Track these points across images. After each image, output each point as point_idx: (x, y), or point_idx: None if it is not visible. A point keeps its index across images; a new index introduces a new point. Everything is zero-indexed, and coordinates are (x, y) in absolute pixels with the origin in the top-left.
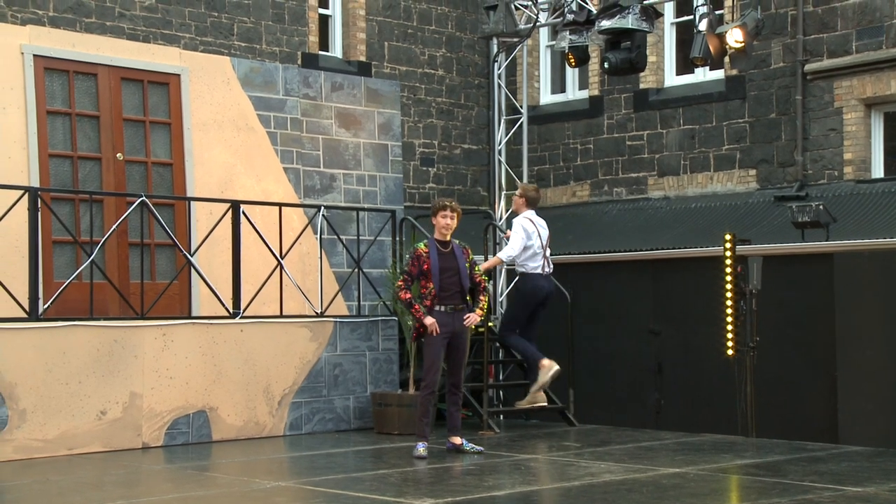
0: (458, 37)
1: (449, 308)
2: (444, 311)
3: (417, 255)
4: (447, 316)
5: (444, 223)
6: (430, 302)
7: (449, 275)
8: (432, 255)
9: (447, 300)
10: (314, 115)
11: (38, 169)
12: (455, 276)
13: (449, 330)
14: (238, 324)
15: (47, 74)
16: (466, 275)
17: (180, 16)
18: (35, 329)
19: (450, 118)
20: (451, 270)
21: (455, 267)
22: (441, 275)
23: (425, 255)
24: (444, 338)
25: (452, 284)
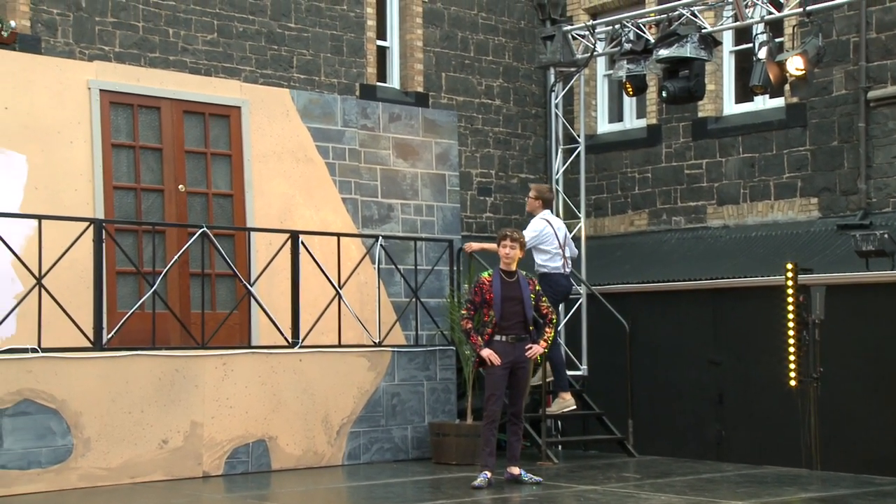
0: (516, 67)
1: (510, 338)
2: (504, 340)
3: (480, 284)
4: (508, 346)
5: (504, 253)
6: (491, 331)
7: (511, 304)
8: (495, 285)
9: (508, 330)
10: (372, 146)
11: (103, 201)
12: (518, 305)
13: (509, 360)
14: (297, 353)
15: (112, 108)
16: (530, 305)
17: (241, 49)
18: (99, 358)
19: (507, 148)
20: (513, 300)
21: (518, 297)
22: (503, 304)
23: (488, 285)
24: (505, 368)
25: (514, 314)
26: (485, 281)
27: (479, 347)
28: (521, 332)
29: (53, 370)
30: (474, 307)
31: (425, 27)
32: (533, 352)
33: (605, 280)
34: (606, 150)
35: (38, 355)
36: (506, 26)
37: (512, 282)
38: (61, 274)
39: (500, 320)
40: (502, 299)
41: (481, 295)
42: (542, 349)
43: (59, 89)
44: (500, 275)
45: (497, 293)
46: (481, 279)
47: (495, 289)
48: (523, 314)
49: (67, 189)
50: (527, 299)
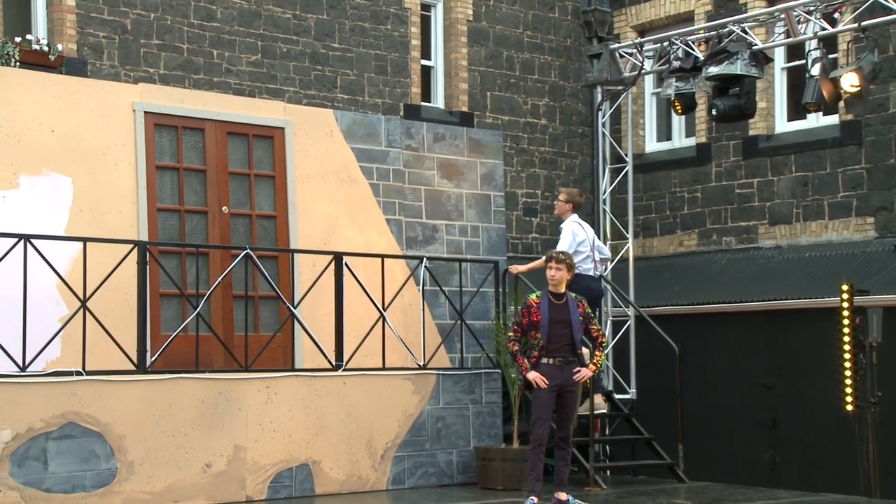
0: (562, 85)
1: (557, 360)
2: (551, 363)
3: (528, 306)
4: (555, 369)
5: (550, 275)
6: (538, 354)
7: (559, 327)
8: (543, 307)
9: (555, 353)
10: (416, 167)
11: (147, 223)
12: (566, 328)
13: (557, 383)
14: (341, 376)
15: (157, 130)
16: (579, 328)
17: (285, 70)
18: (143, 381)
19: (553, 167)
20: (561, 323)
21: (566, 319)
22: (550, 326)
23: (536, 307)
24: (553, 391)
25: (562, 337)
26: (532, 303)
27: (526, 370)
28: (569, 354)
29: (97, 393)
30: (521, 329)
31: (470, 46)
32: (581, 375)
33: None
34: (655, 169)
35: (83, 378)
36: (552, 44)
37: (560, 304)
38: (105, 296)
39: (547, 343)
40: (550, 321)
41: (528, 317)
42: (591, 373)
43: (104, 112)
44: (549, 297)
45: (545, 315)
46: (529, 301)
47: (543, 311)
48: (571, 337)
49: (112, 211)
50: (575, 322)
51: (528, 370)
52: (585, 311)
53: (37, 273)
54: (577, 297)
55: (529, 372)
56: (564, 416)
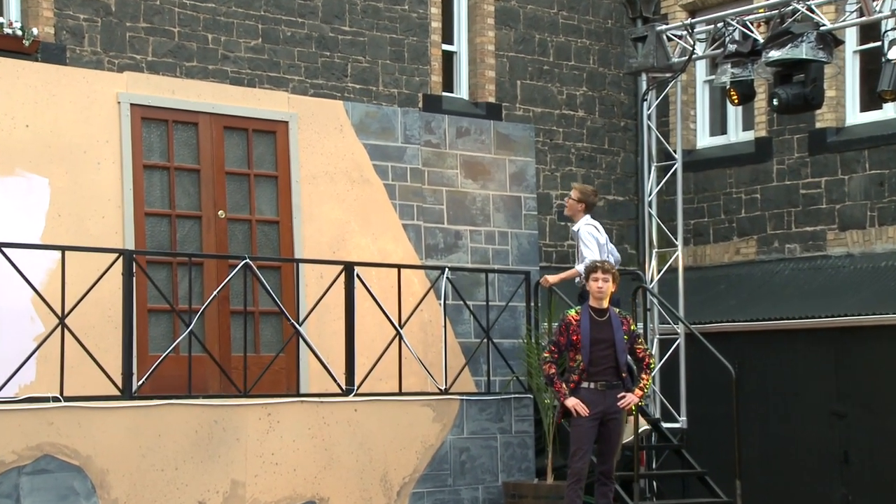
0: (602, 73)
1: (600, 385)
2: (593, 388)
3: (567, 323)
4: (597, 394)
5: (596, 287)
6: (578, 377)
7: (602, 347)
8: (583, 324)
9: (598, 376)
10: (437, 165)
11: (134, 229)
12: (609, 348)
13: (599, 410)
14: (351, 402)
15: (145, 125)
16: (623, 348)
17: (289, 56)
18: (129, 408)
19: (592, 166)
20: (604, 342)
21: (610, 338)
22: (592, 347)
23: (575, 324)
24: (594, 419)
25: (605, 358)
26: (571, 319)
27: (564, 396)
28: (613, 378)
29: (77, 422)
30: (559, 350)
31: (498, 29)
32: (627, 401)
33: (706, 318)
34: (707, 167)
35: (61, 405)
36: (590, 26)
37: (602, 321)
38: (86, 312)
39: (588, 365)
40: (591, 341)
41: (567, 335)
42: (637, 399)
43: (85, 104)
44: (590, 312)
45: (585, 334)
46: (568, 317)
47: (583, 329)
48: (615, 358)
49: (94, 216)
50: (619, 341)
51: (567, 396)
52: (631, 329)
53: (9, 286)
54: (622, 312)
55: (568, 398)
56: (607, 447)
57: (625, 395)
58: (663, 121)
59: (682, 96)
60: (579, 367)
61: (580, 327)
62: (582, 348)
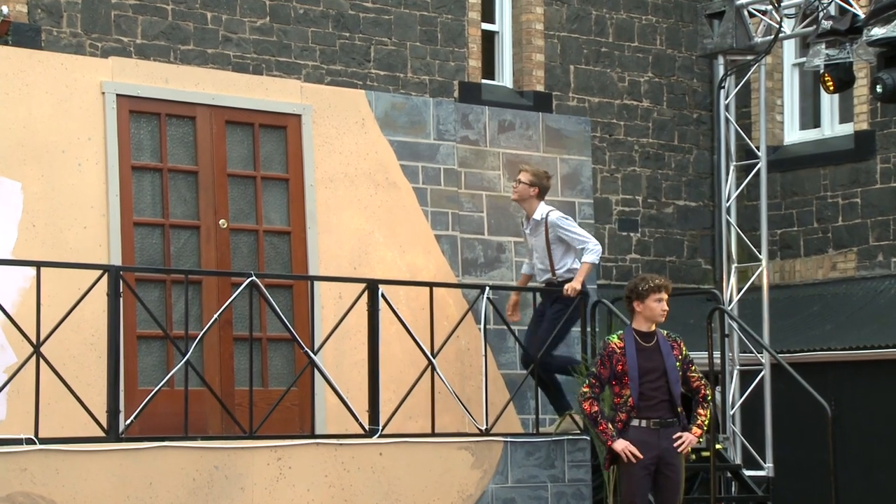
0: (670, 56)
1: (653, 423)
2: (645, 426)
3: (609, 352)
4: (650, 434)
5: (660, 309)
6: (625, 415)
7: (652, 378)
8: (629, 352)
9: (650, 412)
10: (476, 165)
11: (121, 241)
12: (660, 379)
13: (653, 454)
14: (376, 444)
15: (133, 119)
16: (677, 378)
17: (301, 38)
18: (114, 451)
19: (659, 165)
20: (655, 372)
21: (661, 367)
22: (641, 378)
23: (620, 352)
24: (649, 464)
25: (657, 391)
26: (615, 347)
27: (611, 438)
28: (667, 413)
29: (55, 468)
30: (600, 383)
31: (547, 5)
32: (685, 443)
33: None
34: (797, 166)
35: (35, 448)
36: (657, 1)
37: (650, 346)
38: (66, 339)
39: (638, 400)
40: (640, 371)
41: (610, 366)
42: (696, 439)
43: (64, 95)
44: (634, 337)
45: (632, 364)
46: (610, 345)
47: (629, 358)
48: (668, 391)
49: (74, 226)
50: (671, 370)
51: (615, 438)
52: (683, 355)
53: None
54: (671, 335)
55: (616, 440)
56: (666, 497)
57: (681, 436)
58: (744, 112)
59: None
60: (627, 402)
61: (625, 356)
62: (630, 381)
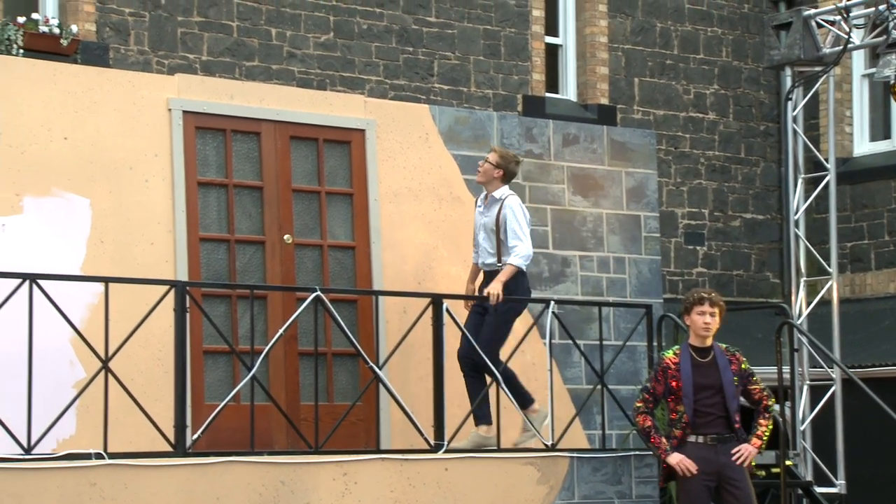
0: (736, 67)
1: (710, 439)
2: (702, 442)
3: (664, 367)
4: (707, 450)
5: (702, 323)
6: (681, 432)
7: (708, 394)
8: (684, 367)
9: (706, 428)
10: (540, 179)
11: (187, 257)
12: (717, 395)
13: (711, 469)
14: (441, 460)
15: (199, 135)
16: (734, 393)
17: (365, 53)
18: (182, 466)
19: (725, 178)
20: (711, 388)
21: (717, 383)
22: (696, 394)
23: (674, 367)
24: (707, 480)
25: (713, 407)
26: (669, 362)
27: (665, 452)
28: (724, 429)
29: (123, 482)
30: (654, 398)
31: (611, 17)
32: (744, 455)
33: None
34: (867, 178)
35: (104, 462)
36: (723, 12)
37: (706, 362)
38: (133, 354)
39: (693, 417)
40: (695, 388)
41: (664, 382)
42: (755, 451)
43: (131, 112)
44: (690, 352)
45: (687, 379)
46: (664, 360)
47: (684, 373)
48: (725, 406)
49: (141, 242)
50: (728, 385)
51: (669, 452)
52: (742, 369)
53: (45, 324)
54: (730, 348)
55: (671, 454)
56: None
57: (739, 449)
58: (812, 124)
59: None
60: (682, 419)
61: (680, 371)
62: (684, 397)
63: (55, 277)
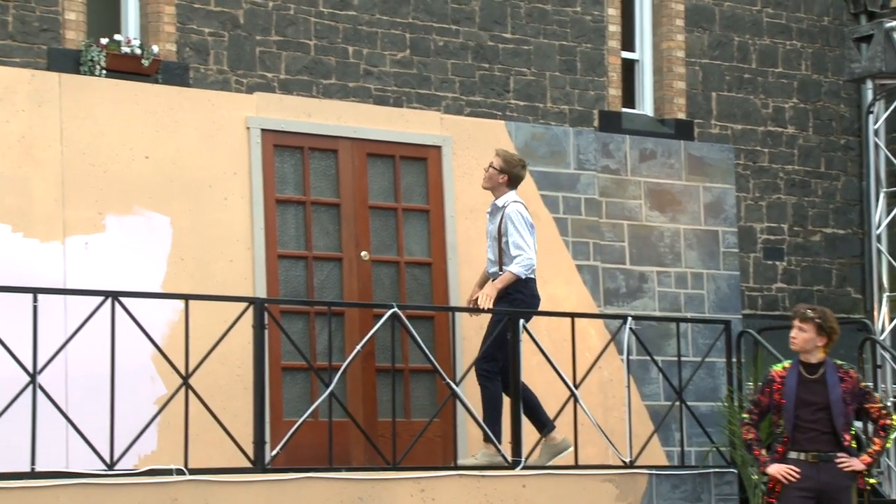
0: (816, 80)
1: (812, 456)
2: (802, 459)
3: (770, 381)
4: (808, 467)
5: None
6: (782, 447)
7: (812, 410)
8: (788, 382)
9: (807, 444)
10: (617, 195)
11: (265, 274)
12: (821, 411)
13: (811, 486)
14: (519, 476)
15: (277, 153)
16: (843, 411)
17: (441, 70)
18: (261, 482)
19: (805, 193)
20: (815, 405)
21: (823, 400)
22: (797, 409)
23: (780, 381)
24: (808, 496)
25: (816, 423)
26: (775, 376)
27: (765, 464)
28: (829, 447)
29: (204, 498)
30: (760, 411)
31: (688, 31)
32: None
33: None
34: None
35: (185, 478)
36: (802, 25)
37: (814, 378)
38: (213, 371)
39: (793, 432)
40: (797, 403)
41: (770, 395)
42: (862, 466)
43: (210, 131)
44: (799, 367)
45: (790, 394)
46: (772, 373)
47: (788, 388)
48: (830, 423)
49: (220, 260)
50: (836, 402)
51: (768, 464)
52: (857, 387)
53: (127, 341)
54: (843, 366)
55: (770, 465)
56: None
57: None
58: (894, 137)
59: None
60: (784, 433)
61: (784, 385)
62: (784, 411)
63: (137, 295)
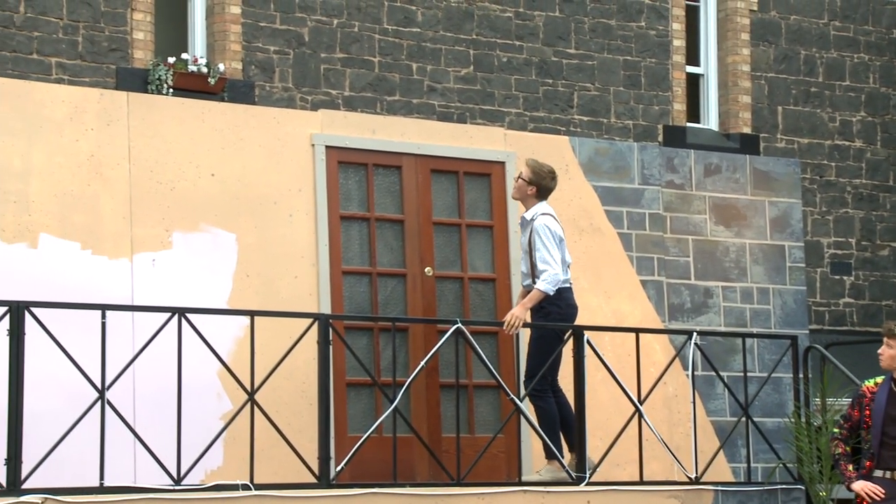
0: (884, 94)
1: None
2: (888, 478)
3: (860, 396)
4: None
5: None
6: (869, 463)
7: None
8: (878, 398)
9: (893, 462)
10: (682, 210)
11: (330, 290)
12: None
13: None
14: (583, 492)
15: (341, 170)
16: None
17: (505, 86)
18: (326, 498)
19: (873, 207)
20: None
21: None
22: (885, 426)
23: (870, 397)
24: None
25: None
26: (866, 391)
27: (850, 480)
28: None
29: None
30: (850, 426)
31: (754, 45)
32: None
33: None
34: None
35: (251, 494)
36: (870, 38)
37: None
38: (278, 387)
39: (878, 448)
40: (885, 419)
41: (860, 411)
42: None
43: (275, 148)
44: (891, 385)
45: (878, 410)
46: (862, 388)
47: (877, 404)
48: None
49: (285, 276)
50: None
51: (853, 480)
52: None
53: (193, 357)
54: None
55: (855, 482)
56: None
57: None
58: None
59: None
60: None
61: (874, 401)
62: (872, 427)
63: (203, 311)
